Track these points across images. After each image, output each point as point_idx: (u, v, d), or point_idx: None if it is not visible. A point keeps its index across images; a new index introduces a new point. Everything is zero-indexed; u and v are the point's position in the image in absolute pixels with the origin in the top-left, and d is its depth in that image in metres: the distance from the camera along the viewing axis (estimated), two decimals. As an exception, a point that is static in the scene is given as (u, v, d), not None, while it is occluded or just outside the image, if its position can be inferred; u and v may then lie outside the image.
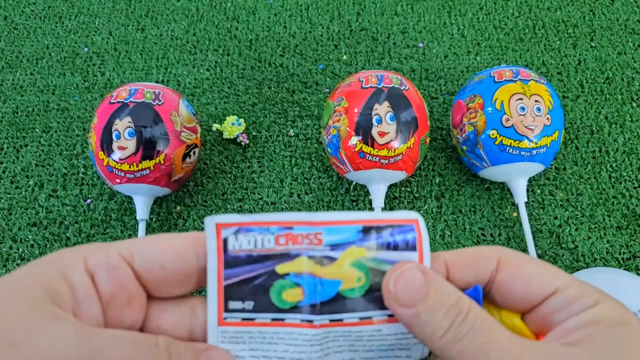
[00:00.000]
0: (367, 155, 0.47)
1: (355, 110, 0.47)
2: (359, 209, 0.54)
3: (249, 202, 0.54)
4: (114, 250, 0.19)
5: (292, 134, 0.58)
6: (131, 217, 0.53)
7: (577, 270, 0.48)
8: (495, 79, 0.49)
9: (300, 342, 0.21)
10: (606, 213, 0.52)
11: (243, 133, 0.58)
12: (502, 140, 0.47)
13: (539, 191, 0.53)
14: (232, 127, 0.57)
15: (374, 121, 0.47)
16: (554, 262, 0.49)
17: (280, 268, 0.21)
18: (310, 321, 0.21)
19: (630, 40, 0.64)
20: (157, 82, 0.63)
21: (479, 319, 0.19)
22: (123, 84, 0.62)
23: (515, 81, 0.48)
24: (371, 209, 0.52)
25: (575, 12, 0.67)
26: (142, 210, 0.49)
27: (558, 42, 0.65)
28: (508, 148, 0.47)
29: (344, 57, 0.65)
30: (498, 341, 0.18)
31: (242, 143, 0.57)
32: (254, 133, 0.59)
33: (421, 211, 0.53)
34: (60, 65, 0.66)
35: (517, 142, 0.47)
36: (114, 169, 0.47)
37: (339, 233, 0.21)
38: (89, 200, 0.54)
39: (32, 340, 0.16)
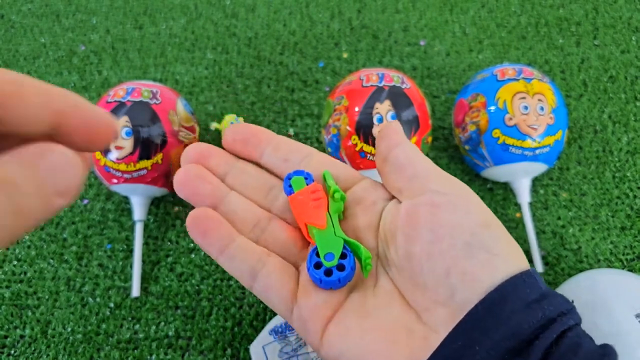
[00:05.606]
0: (368, 155, 0.47)
1: (356, 109, 0.47)
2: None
3: (248, 202, 0.53)
4: None
5: (292, 133, 0.58)
6: (129, 218, 0.53)
7: (581, 271, 0.47)
8: (498, 78, 0.48)
9: None
10: (610, 213, 0.51)
11: (242, 132, 0.57)
12: (505, 139, 0.47)
13: (542, 191, 0.53)
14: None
15: (374, 120, 0.46)
16: (557, 263, 0.49)
17: None
18: None
19: (634, 38, 0.64)
20: (154, 80, 0.63)
21: None
22: (120, 83, 0.61)
23: (518, 80, 0.48)
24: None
25: (578, 10, 0.67)
26: (139, 210, 0.49)
27: (561, 40, 0.64)
28: (511, 147, 0.47)
29: (345, 55, 0.64)
30: None
31: (241, 142, 0.57)
32: (253, 132, 0.58)
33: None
34: (57, 63, 0.65)
35: (520, 141, 0.46)
36: (111, 169, 0.47)
37: None
38: (85, 201, 0.54)
39: None
